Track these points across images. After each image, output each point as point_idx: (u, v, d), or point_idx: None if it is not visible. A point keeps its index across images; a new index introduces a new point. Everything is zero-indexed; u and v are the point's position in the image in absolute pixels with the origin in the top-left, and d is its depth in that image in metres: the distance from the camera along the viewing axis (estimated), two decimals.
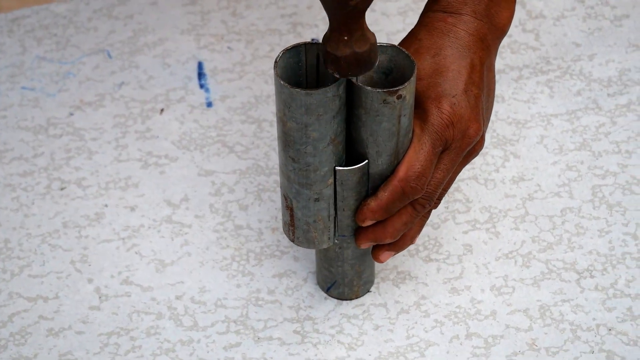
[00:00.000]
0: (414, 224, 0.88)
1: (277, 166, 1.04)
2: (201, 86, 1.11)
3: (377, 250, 0.90)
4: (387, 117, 0.81)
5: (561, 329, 0.93)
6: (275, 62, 0.80)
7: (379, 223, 0.87)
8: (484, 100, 0.86)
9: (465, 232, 0.99)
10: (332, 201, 0.86)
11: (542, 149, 1.05)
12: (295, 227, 0.87)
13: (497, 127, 1.07)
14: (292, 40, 1.14)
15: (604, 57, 1.12)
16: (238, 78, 1.11)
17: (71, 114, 1.09)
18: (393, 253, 0.90)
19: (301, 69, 0.82)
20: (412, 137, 0.84)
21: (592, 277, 0.96)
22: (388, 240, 0.87)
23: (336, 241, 0.90)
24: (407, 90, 0.80)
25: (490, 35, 0.86)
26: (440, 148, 0.84)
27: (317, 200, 0.85)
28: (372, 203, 0.85)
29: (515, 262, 0.97)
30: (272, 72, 1.12)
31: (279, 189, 1.03)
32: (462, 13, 0.86)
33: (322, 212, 0.86)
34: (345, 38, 0.77)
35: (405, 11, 1.17)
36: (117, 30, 1.15)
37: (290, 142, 0.81)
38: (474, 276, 0.96)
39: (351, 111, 0.82)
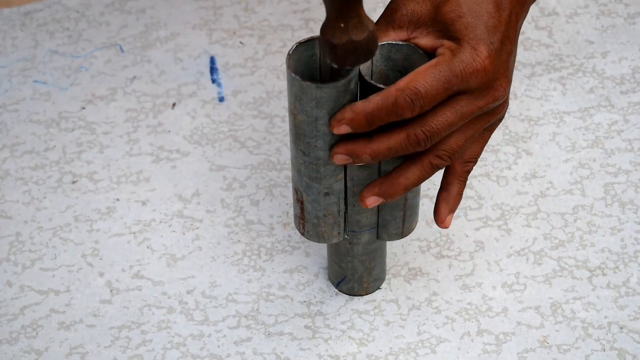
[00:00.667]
0: (407, 171, 0.81)
1: (288, 162, 1.04)
2: (213, 81, 1.11)
3: (365, 191, 0.83)
4: None
5: (572, 326, 0.93)
6: (288, 54, 0.79)
7: (363, 136, 0.80)
8: (513, 60, 0.82)
9: (477, 229, 0.99)
10: (342, 196, 0.86)
11: (554, 146, 1.05)
12: (305, 221, 0.87)
13: (509, 124, 1.06)
14: (304, 36, 1.14)
15: (617, 54, 1.12)
16: (250, 73, 1.11)
17: (83, 108, 1.09)
18: (381, 200, 0.82)
19: (315, 62, 0.82)
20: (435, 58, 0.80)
21: (604, 275, 0.96)
22: (366, 158, 0.79)
23: (346, 236, 0.89)
24: None
25: None
26: (457, 86, 0.78)
27: (327, 194, 0.85)
28: (359, 104, 0.78)
29: (527, 259, 0.97)
30: (284, 67, 1.12)
31: (290, 185, 1.03)
32: None
33: (332, 206, 0.86)
34: (342, 25, 0.74)
35: None
36: (129, 24, 1.16)
37: (301, 136, 0.81)
38: (485, 273, 0.96)
39: None
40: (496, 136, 1.05)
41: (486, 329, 0.93)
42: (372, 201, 0.83)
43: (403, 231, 0.89)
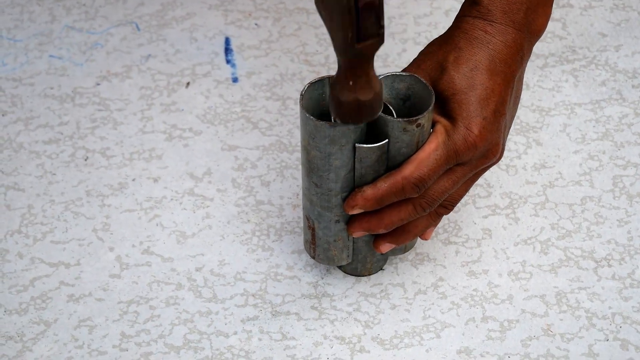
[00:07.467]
0: (417, 222, 0.88)
1: (299, 144, 1.05)
2: (227, 62, 1.11)
3: (378, 240, 0.90)
4: (406, 143, 0.84)
5: (577, 315, 0.93)
6: (301, 95, 0.84)
7: (375, 213, 0.87)
8: (508, 116, 0.87)
9: (485, 217, 1.00)
10: None
11: (564, 137, 1.05)
12: (316, 246, 0.91)
13: (520, 114, 1.07)
14: (319, 20, 1.15)
15: (630, 48, 1.12)
16: (264, 55, 1.12)
17: (98, 84, 1.09)
18: (393, 245, 0.90)
19: (325, 99, 0.86)
20: (432, 135, 0.84)
21: (609, 266, 0.97)
22: (381, 231, 0.88)
23: (353, 257, 0.94)
24: (426, 119, 0.83)
25: (526, 44, 0.86)
26: (454, 163, 0.85)
27: (337, 221, 0.89)
28: (369, 191, 0.85)
29: (534, 248, 0.98)
30: (297, 50, 1.12)
31: (300, 167, 1.03)
32: (501, 23, 0.85)
33: (342, 232, 0.90)
34: (350, 83, 0.78)
35: None
36: (146, 3, 1.16)
37: (314, 169, 0.86)
38: (492, 260, 0.97)
39: (372, 139, 0.85)
40: None
41: (491, 315, 0.94)
42: (385, 247, 0.90)
43: (406, 247, 0.94)
